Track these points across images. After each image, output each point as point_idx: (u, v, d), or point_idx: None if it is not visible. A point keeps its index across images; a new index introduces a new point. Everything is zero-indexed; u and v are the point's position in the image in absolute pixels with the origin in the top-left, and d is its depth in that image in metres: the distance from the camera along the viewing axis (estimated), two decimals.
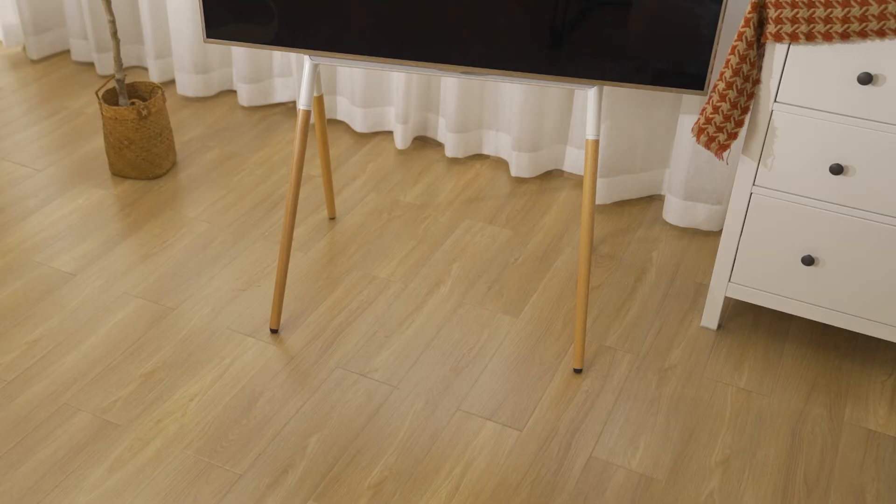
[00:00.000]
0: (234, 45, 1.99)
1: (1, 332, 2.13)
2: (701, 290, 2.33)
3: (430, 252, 2.44)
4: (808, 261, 1.99)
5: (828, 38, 1.75)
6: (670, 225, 2.58)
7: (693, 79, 1.84)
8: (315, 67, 2.02)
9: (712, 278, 2.13)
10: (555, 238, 2.51)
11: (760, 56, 1.85)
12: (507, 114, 2.75)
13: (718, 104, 1.88)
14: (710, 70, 1.83)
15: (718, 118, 1.89)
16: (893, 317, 1.98)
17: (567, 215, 2.61)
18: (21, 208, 2.57)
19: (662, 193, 2.69)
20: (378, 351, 2.12)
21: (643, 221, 2.59)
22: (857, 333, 2.20)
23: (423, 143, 2.94)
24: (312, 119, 2.99)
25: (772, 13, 1.76)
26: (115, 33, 2.57)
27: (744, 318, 2.24)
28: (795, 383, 2.06)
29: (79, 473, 1.80)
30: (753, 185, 1.98)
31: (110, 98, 2.70)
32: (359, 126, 2.95)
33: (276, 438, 1.89)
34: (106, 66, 3.26)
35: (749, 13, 1.77)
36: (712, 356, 2.13)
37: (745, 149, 1.95)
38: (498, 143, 2.84)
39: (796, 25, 1.75)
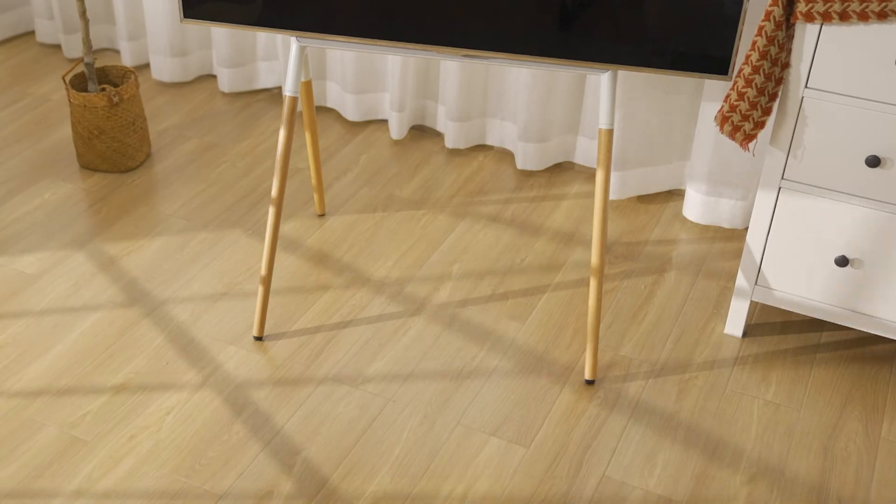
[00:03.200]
0: (214, 25, 1.99)
1: None
2: (724, 293, 2.33)
3: (428, 252, 2.44)
4: (842, 262, 1.99)
5: (863, 17, 1.75)
6: (691, 222, 2.58)
7: (716, 63, 1.84)
8: (303, 50, 2.02)
9: (737, 281, 2.13)
10: (565, 237, 2.51)
11: (790, 37, 1.85)
12: (512, 101, 2.75)
13: (744, 90, 1.88)
14: (734, 53, 1.83)
15: (744, 105, 1.89)
16: None
17: (578, 212, 2.61)
18: None
19: (682, 188, 2.69)
20: (371, 360, 2.12)
21: (661, 218, 2.59)
22: None
23: (421, 132, 2.95)
24: (300, 107, 2.99)
25: None
26: (83, 12, 2.57)
27: (771, 324, 2.25)
28: (828, 396, 2.06)
29: (45, 494, 1.80)
30: (782, 178, 1.98)
31: (79, 83, 2.70)
32: (350, 114, 2.95)
33: (261, 456, 1.89)
34: (74, 48, 3.26)
35: None
36: (737, 366, 2.13)
37: (773, 139, 1.96)
38: (503, 133, 2.84)
39: (829, 4, 1.75)
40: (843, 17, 1.76)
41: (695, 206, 2.55)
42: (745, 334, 2.21)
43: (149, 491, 1.81)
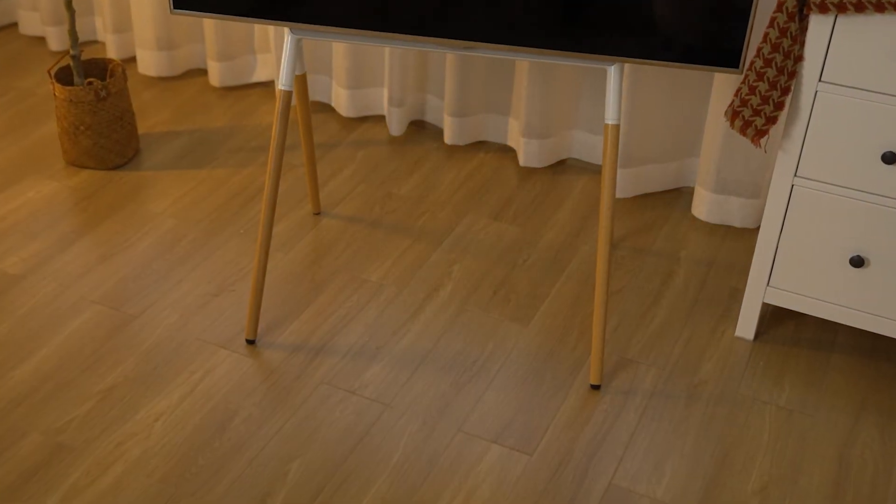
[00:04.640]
0: (204, 16, 1.98)
1: None
2: (735, 295, 2.33)
3: (427, 252, 2.44)
4: (857, 262, 1.99)
5: (880, 8, 1.74)
6: (700, 221, 2.58)
7: (727, 55, 1.84)
8: (298, 42, 2.02)
9: (748, 282, 2.13)
10: (569, 236, 2.51)
11: (803, 29, 1.85)
12: (514, 95, 2.75)
13: (755, 84, 1.88)
14: (746, 45, 1.83)
15: (755, 100, 1.89)
16: None
17: (583, 210, 2.61)
18: None
19: (691, 186, 2.69)
20: (368, 364, 2.12)
21: (669, 217, 2.59)
22: None
23: (420, 128, 2.94)
24: (294, 101, 2.99)
25: None
26: (69, 4, 2.57)
27: (784, 326, 2.24)
28: (843, 401, 2.06)
29: (29, 503, 1.79)
30: (795, 175, 1.98)
31: (64, 77, 2.69)
32: (346, 110, 2.94)
33: (253, 463, 1.89)
34: (59, 40, 3.26)
35: None
36: (748, 370, 2.13)
37: (786, 135, 1.95)
38: (504, 129, 2.84)
39: None
40: (859, 7, 1.76)
41: (704, 205, 2.55)
42: (756, 337, 2.21)
43: (137, 500, 1.81)
